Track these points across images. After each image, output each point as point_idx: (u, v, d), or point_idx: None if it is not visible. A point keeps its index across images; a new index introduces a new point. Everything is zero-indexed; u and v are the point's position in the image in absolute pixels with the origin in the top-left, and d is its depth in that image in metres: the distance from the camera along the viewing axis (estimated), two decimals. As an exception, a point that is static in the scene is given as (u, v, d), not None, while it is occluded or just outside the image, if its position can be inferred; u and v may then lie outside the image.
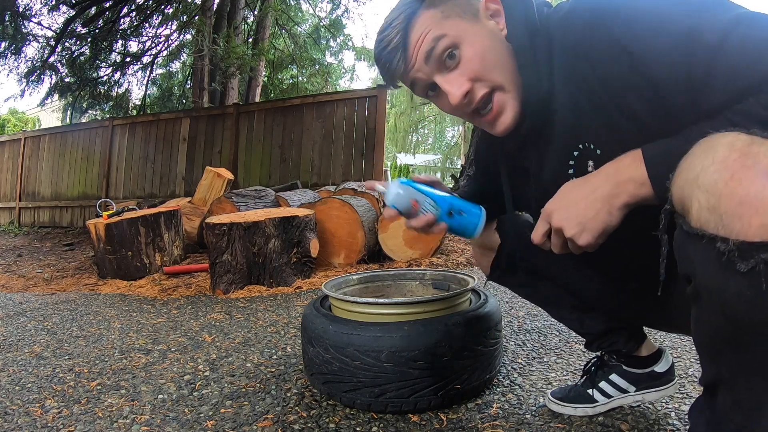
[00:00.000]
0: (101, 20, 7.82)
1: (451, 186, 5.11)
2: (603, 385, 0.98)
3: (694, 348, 1.31)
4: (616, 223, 0.58)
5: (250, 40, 9.44)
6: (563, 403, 0.99)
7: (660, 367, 0.96)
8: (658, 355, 0.97)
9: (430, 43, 0.68)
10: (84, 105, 9.11)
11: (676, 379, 0.99)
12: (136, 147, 6.62)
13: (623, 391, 0.96)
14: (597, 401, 0.97)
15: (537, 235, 0.67)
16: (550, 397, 1.02)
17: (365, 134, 5.16)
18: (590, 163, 0.67)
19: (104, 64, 8.65)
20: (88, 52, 8.18)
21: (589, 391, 0.98)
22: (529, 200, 0.82)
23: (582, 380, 1.02)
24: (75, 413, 1.08)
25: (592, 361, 1.02)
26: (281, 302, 2.16)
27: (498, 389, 1.12)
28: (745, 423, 0.49)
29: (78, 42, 8.12)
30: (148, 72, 9.19)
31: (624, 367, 0.96)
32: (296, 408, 1.07)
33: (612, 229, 0.59)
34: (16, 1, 7.11)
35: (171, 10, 8.76)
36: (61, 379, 1.29)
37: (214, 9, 8.13)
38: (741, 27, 0.51)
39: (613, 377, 0.97)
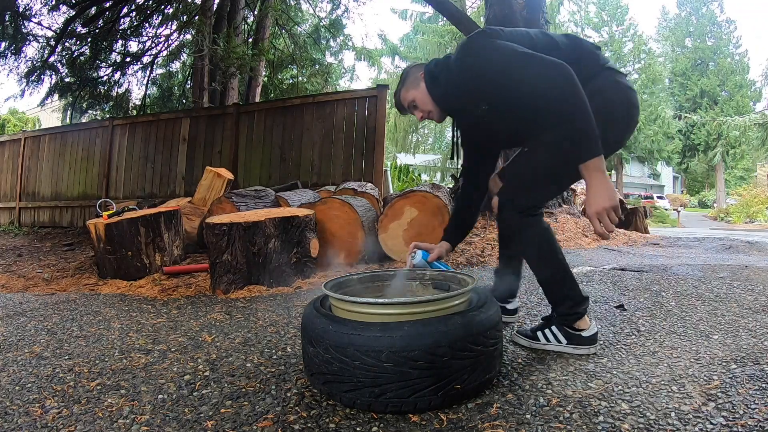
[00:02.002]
0: (101, 20, 7.82)
1: (451, 185, 5.11)
2: (547, 332, 1.39)
3: (694, 348, 1.31)
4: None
5: (250, 40, 9.44)
6: (523, 338, 1.43)
7: (587, 333, 1.35)
8: (592, 328, 1.36)
9: (407, 103, 1.54)
10: (84, 105, 9.10)
11: (597, 344, 1.36)
12: (136, 147, 6.62)
13: (558, 341, 1.36)
14: (539, 340, 1.39)
15: (604, 227, 1.19)
16: (517, 334, 1.45)
17: (365, 134, 5.16)
18: (485, 107, 1.40)
19: (104, 64, 8.65)
20: (88, 52, 8.18)
21: (539, 333, 1.39)
22: (462, 140, 1.65)
23: (539, 324, 1.44)
24: (75, 413, 1.08)
25: (550, 314, 1.42)
26: (281, 302, 2.16)
27: (498, 389, 1.11)
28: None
29: (78, 42, 8.12)
30: (148, 72, 9.20)
31: (566, 327, 1.36)
32: (296, 408, 1.07)
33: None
34: (16, 1, 7.11)
35: (171, 10, 8.76)
36: (61, 379, 1.29)
37: (214, 9, 8.13)
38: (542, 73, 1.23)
39: (554, 329, 1.38)
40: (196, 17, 7.78)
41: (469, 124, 1.57)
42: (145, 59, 8.97)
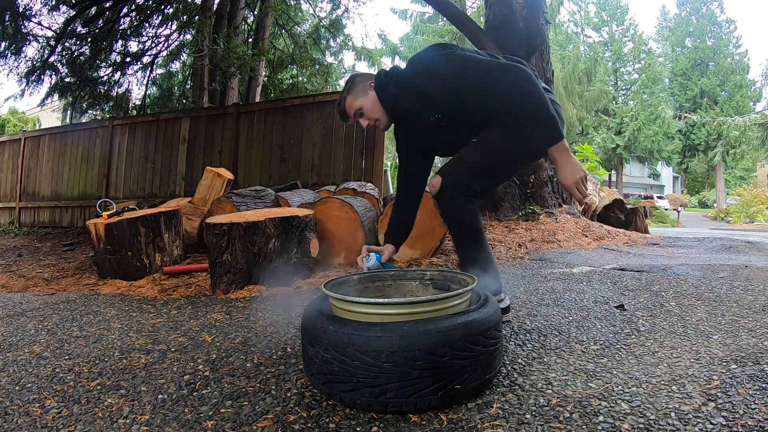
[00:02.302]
0: (101, 20, 7.82)
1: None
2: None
3: (694, 348, 1.31)
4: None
5: (250, 40, 9.44)
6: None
7: (504, 303, 1.57)
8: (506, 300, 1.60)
9: (353, 111, 1.61)
10: (84, 105, 9.10)
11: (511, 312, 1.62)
12: (136, 147, 6.62)
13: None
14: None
15: (581, 194, 1.42)
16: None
17: (365, 134, 5.16)
18: (438, 116, 1.51)
19: (104, 64, 8.65)
20: (88, 52, 8.18)
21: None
22: (406, 147, 1.72)
23: None
24: (75, 413, 1.08)
25: None
26: (281, 302, 2.16)
27: (498, 389, 1.11)
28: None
29: (78, 42, 8.12)
30: (148, 72, 9.20)
31: None
32: (296, 408, 1.07)
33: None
34: (16, 1, 7.11)
35: (171, 10, 8.76)
36: (61, 379, 1.29)
37: (214, 9, 8.13)
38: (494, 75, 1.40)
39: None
40: (196, 17, 7.78)
41: (416, 131, 1.63)
42: (145, 59, 8.98)
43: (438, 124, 1.53)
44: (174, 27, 8.94)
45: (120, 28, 8.24)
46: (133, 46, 9.02)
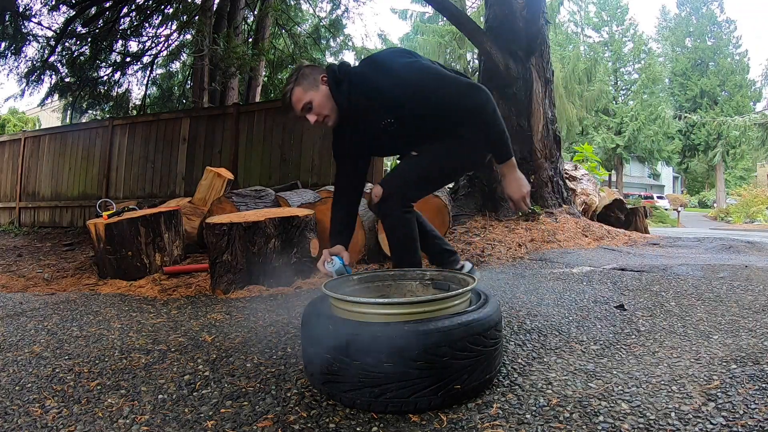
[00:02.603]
0: (101, 20, 7.82)
1: (451, 185, 5.11)
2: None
3: (694, 348, 1.31)
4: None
5: (250, 40, 9.44)
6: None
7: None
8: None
9: (302, 105, 1.54)
10: (84, 105, 9.10)
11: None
12: (136, 147, 6.62)
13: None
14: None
15: (525, 207, 1.55)
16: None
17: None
18: (391, 120, 1.52)
19: (104, 64, 8.65)
20: (88, 52, 8.18)
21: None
22: (350, 147, 1.67)
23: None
24: (75, 413, 1.08)
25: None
26: (281, 302, 2.16)
27: (498, 389, 1.11)
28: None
29: (78, 42, 8.12)
30: (148, 72, 9.20)
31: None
32: (296, 408, 1.07)
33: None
34: (16, 1, 7.11)
35: (171, 10, 8.76)
36: (61, 379, 1.29)
37: (214, 9, 8.13)
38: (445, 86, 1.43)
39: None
40: (196, 17, 7.78)
41: (363, 132, 1.60)
42: (145, 59, 8.98)
43: (387, 128, 1.53)
44: (174, 27, 8.94)
45: (120, 28, 8.24)
46: (133, 46, 9.03)
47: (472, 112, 1.44)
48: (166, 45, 9.09)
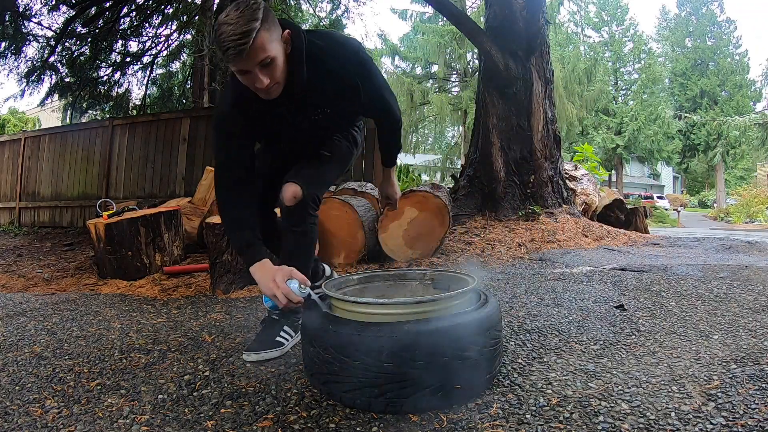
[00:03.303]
0: (101, 20, 7.81)
1: (451, 185, 5.11)
2: (282, 333, 1.45)
3: (694, 348, 1.31)
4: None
5: (250, 40, 9.41)
6: (261, 352, 1.38)
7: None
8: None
9: (263, 57, 1.15)
10: (84, 105, 9.09)
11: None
12: (136, 147, 6.61)
13: (291, 336, 1.47)
14: (283, 345, 1.43)
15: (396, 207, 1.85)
16: (246, 353, 1.39)
17: (365, 134, 5.13)
18: (328, 110, 1.40)
19: (104, 64, 8.64)
20: (88, 52, 8.17)
21: (277, 339, 1.42)
22: (281, 132, 1.47)
23: (263, 331, 1.46)
24: (75, 413, 1.08)
25: (267, 319, 1.51)
26: (281, 302, 2.15)
27: (498, 389, 1.11)
28: None
29: (78, 42, 8.11)
30: (148, 72, 9.19)
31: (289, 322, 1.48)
32: (296, 408, 1.07)
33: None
34: (16, 1, 7.10)
35: (171, 10, 8.75)
36: (61, 379, 1.29)
37: (214, 9, 8.13)
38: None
39: (285, 328, 1.46)
40: (196, 17, 7.78)
41: (292, 116, 1.37)
42: (145, 59, 8.97)
43: (316, 118, 1.40)
44: (174, 27, 8.93)
45: (120, 28, 8.23)
46: (133, 46, 9.02)
47: (398, 123, 1.60)
48: (166, 45, 9.09)
